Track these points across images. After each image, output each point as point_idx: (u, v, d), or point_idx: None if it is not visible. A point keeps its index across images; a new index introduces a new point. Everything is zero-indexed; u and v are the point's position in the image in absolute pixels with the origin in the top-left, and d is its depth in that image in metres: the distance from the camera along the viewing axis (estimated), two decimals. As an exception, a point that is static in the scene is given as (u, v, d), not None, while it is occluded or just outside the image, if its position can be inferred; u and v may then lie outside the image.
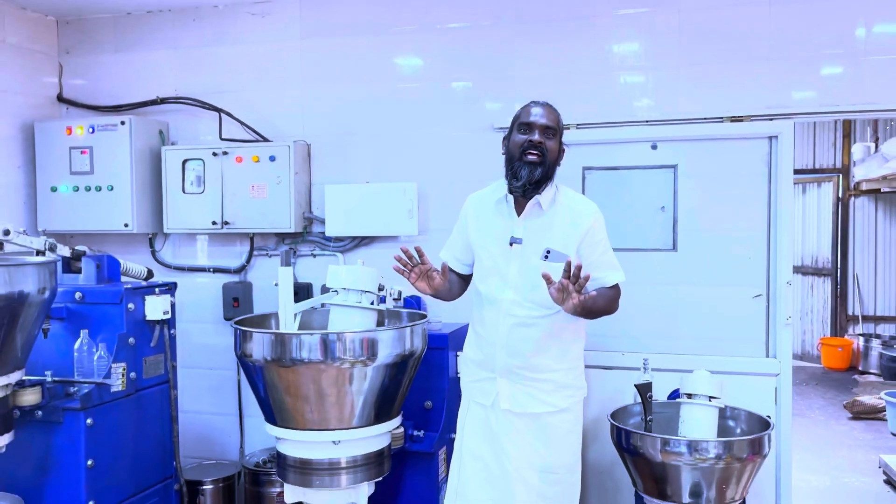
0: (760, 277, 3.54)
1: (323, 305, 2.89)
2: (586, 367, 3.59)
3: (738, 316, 3.55)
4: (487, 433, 2.44)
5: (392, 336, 2.63)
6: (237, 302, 4.07)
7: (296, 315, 2.75)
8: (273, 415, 2.67)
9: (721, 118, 3.52)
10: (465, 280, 2.58)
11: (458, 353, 3.09)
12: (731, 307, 3.56)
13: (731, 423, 3.03)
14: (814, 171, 9.06)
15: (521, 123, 2.42)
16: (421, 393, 3.18)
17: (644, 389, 2.92)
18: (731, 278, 3.55)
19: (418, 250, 2.34)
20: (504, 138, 2.51)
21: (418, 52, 3.93)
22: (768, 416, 2.95)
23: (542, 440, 2.40)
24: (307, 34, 4.06)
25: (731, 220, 3.56)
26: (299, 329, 2.74)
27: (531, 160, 2.35)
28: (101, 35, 4.36)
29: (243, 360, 2.66)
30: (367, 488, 2.75)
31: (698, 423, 2.82)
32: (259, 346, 2.57)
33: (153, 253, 4.29)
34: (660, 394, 3.31)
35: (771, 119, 3.47)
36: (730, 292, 3.56)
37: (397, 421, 2.81)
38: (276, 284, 2.68)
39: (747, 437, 2.71)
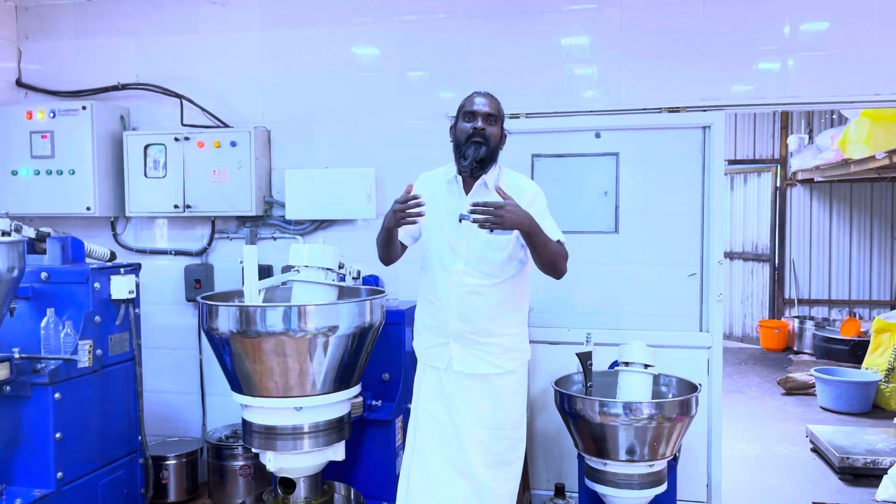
0: (695, 257, 3.81)
1: (285, 284, 3.04)
2: (535, 342, 3.85)
3: (675, 294, 3.82)
4: (441, 394, 2.64)
5: (352, 309, 2.81)
6: (199, 283, 4.19)
7: (260, 291, 2.91)
8: (239, 384, 2.82)
9: (660, 109, 3.77)
10: (404, 250, 2.78)
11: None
12: (667, 285, 3.83)
13: (663, 388, 3.29)
14: (754, 161, 9.49)
15: (465, 112, 2.62)
16: (379, 366, 3.37)
17: (584, 358, 3.16)
18: (668, 258, 3.82)
19: (409, 189, 2.50)
20: (451, 127, 2.72)
21: (375, 43, 4.09)
22: (699, 384, 3.22)
23: (490, 399, 2.61)
24: (267, 24, 4.18)
25: (669, 204, 3.82)
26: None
27: (476, 141, 2.55)
28: (60, 21, 4.41)
29: (210, 334, 2.80)
30: (338, 449, 2.93)
31: (634, 388, 3.07)
32: (225, 320, 2.72)
33: (115, 236, 4.37)
34: (601, 365, 3.55)
35: (705, 110, 3.73)
36: (667, 271, 3.83)
37: (356, 390, 2.99)
38: (241, 262, 2.83)
39: (677, 398, 2.98)
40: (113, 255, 3.91)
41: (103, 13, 4.35)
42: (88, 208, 4.12)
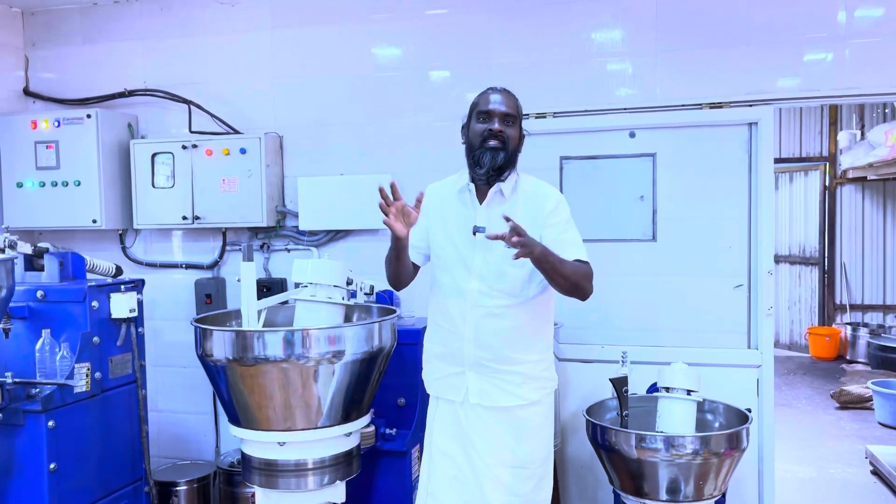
0: (741, 267, 3.47)
1: (287, 302, 2.79)
2: (565, 360, 3.58)
3: (719, 307, 3.49)
4: (456, 430, 2.36)
5: (358, 332, 2.55)
6: (210, 298, 3.97)
7: (260, 312, 2.66)
8: (237, 415, 2.58)
9: (700, 105, 3.44)
10: (416, 271, 2.49)
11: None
12: (711, 298, 3.49)
13: (709, 416, 2.96)
14: (800, 159, 9.01)
15: (479, 112, 2.33)
16: (393, 390, 3.11)
17: (619, 384, 2.85)
18: (712, 268, 3.49)
19: (393, 186, 2.22)
20: (462, 127, 2.42)
21: (394, 40, 3.83)
22: (748, 410, 2.88)
23: (512, 435, 2.32)
24: (278, 23, 3.96)
25: (712, 208, 3.49)
26: (264, 327, 2.64)
27: (493, 146, 2.26)
28: (67, 26, 4.24)
29: (204, 360, 2.57)
30: (338, 489, 2.67)
31: (675, 418, 2.75)
32: (220, 345, 2.48)
33: (124, 249, 4.19)
34: (639, 387, 3.24)
35: (751, 105, 3.39)
36: (710, 283, 3.50)
37: (366, 419, 2.72)
38: (239, 280, 2.59)
39: (725, 431, 2.65)
40: (119, 271, 3.71)
41: (110, 17, 4.18)
42: (94, 221, 3.94)
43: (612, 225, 3.57)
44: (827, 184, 8.83)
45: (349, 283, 2.80)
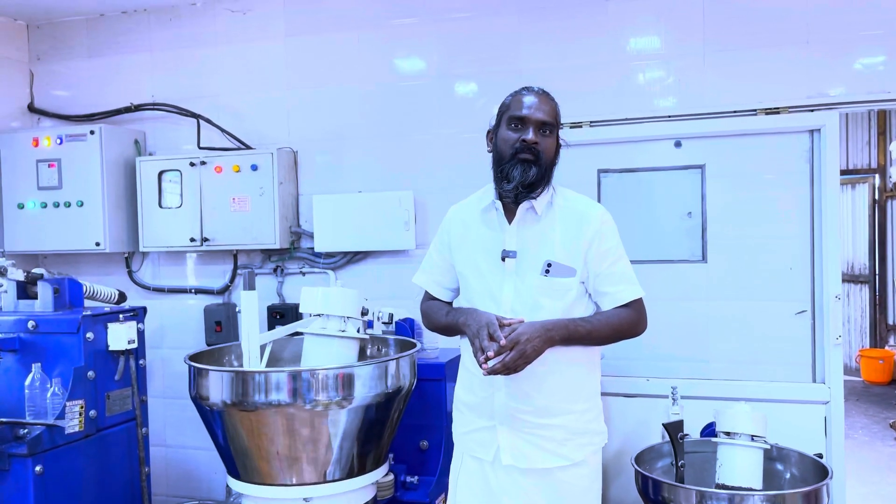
0: (804, 291, 3.10)
1: (296, 335, 2.49)
2: (607, 394, 3.22)
3: (779, 335, 3.12)
4: (486, 495, 2.00)
5: (372, 371, 2.23)
6: (220, 326, 3.70)
7: (265, 347, 2.36)
8: (236, 467, 2.27)
9: (754, 111, 3.10)
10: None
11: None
12: (770, 325, 3.13)
13: (778, 466, 2.59)
14: (846, 171, 8.53)
15: (511, 117, 1.97)
16: (414, 431, 2.78)
17: (674, 429, 2.48)
18: (770, 292, 3.13)
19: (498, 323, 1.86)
20: (489, 132, 2.07)
21: (415, 47, 3.55)
22: (818, 456, 2.51)
23: (553, 502, 1.96)
24: (292, 31, 3.70)
25: (769, 226, 3.13)
26: (269, 363, 2.35)
27: (524, 158, 1.92)
28: (73, 39, 4.04)
29: (198, 403, 2.28)
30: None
31: (739, 468, 2.38)
32: (217, 387, 2.18)
33: (130, 273, 3.94)
34: (691, 426, 2.88)
35: (812, 110, 3.04)
36: (768, 308, 3.13)
37: (383, 469, 2.41)
38: (239, 311, 2.29)
39: (802, 489, 2.27)
40: (122, 297, 3.47)
41: (117, 29, 3.96)
42: (98, 244, 3.69)
43: (656, 244, 3.23)
44: (876, 197, 8.35)
45: (364, 313, 2.50)
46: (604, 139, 3.27)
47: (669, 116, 3.21)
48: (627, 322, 1.95)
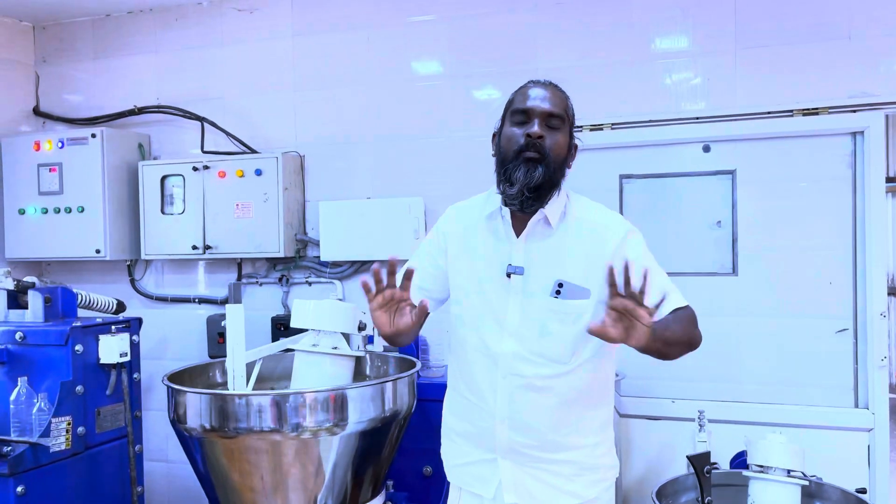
0: (845, 307, 2.86)
1: (288, 351, 2.32)
2: (627, 416, 3.02)
3: (817, 355, 2.88)
4: (486, 537, 1.78)
5: (366, 394, 2.05)
6: (222, 338, 3.53)
7: (253, 365, 2.19)
8: (216, 497, 2.10)
9: (790, 111, 2.87)
10: (425, 319, 1.70)
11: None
12: (807, 344, 2.89)
13: (816, 503, 2.34)
14: (890, 179, 8.16)
15: (515, 110, 1.74)
16: (416, 456, 2.58)
17: (700, 462, 2.23)
18: (808, 309, 2.89)
19: (391, 264, 1.57)
20: (494, 134, 1.83)
21: (427, 46, 3.37)
22: (861, 491, 2.26)
23: (565, 545, 1.73)
24: (300, 31, 3.55)
25: (806, 236, 2.89)
26: (258, 383, 2.17)
27: (529, 157, 1.68)
28: (79, 41, 3.93)
29: (177, 428, 2.11)
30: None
31: (773, 506, 2.14)
32: (195, 411, 2.01)
33: (132, 282, 3.81)
34: (720, 454, 2.65)
35: (855, 111, 2.80)
36: (806, 326, 2.89)
37: (381, 499, 2.22)
38: (224, 324, 2.12)
39: (845, 534, 2.03)
40: (121, 307, 3.33)
41: (123, 29, 3.84)
42: (98, 251, 3.56)
43: (682, 255, 3.00)
44: (920, 205, 7.97)
45: (362, 327, 2.31)
46: (626, 142, 3.06)
47: (697, 118, 2.98)
48: (691, 322, 1.67)
